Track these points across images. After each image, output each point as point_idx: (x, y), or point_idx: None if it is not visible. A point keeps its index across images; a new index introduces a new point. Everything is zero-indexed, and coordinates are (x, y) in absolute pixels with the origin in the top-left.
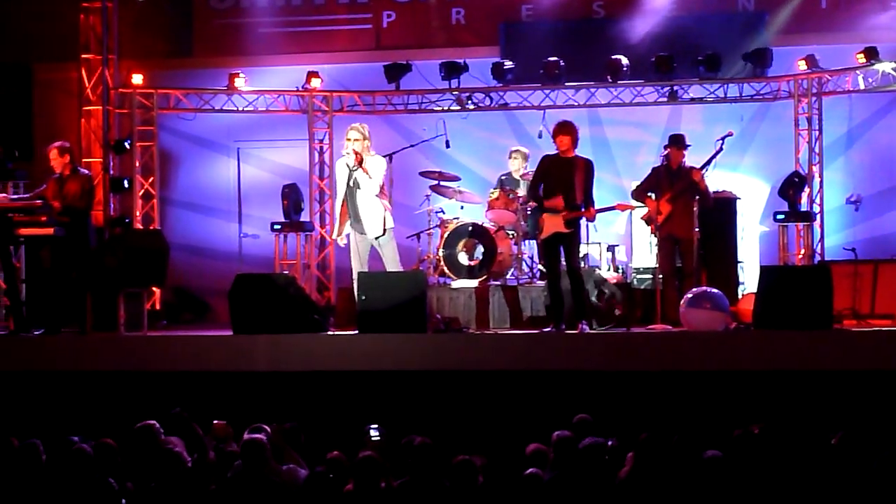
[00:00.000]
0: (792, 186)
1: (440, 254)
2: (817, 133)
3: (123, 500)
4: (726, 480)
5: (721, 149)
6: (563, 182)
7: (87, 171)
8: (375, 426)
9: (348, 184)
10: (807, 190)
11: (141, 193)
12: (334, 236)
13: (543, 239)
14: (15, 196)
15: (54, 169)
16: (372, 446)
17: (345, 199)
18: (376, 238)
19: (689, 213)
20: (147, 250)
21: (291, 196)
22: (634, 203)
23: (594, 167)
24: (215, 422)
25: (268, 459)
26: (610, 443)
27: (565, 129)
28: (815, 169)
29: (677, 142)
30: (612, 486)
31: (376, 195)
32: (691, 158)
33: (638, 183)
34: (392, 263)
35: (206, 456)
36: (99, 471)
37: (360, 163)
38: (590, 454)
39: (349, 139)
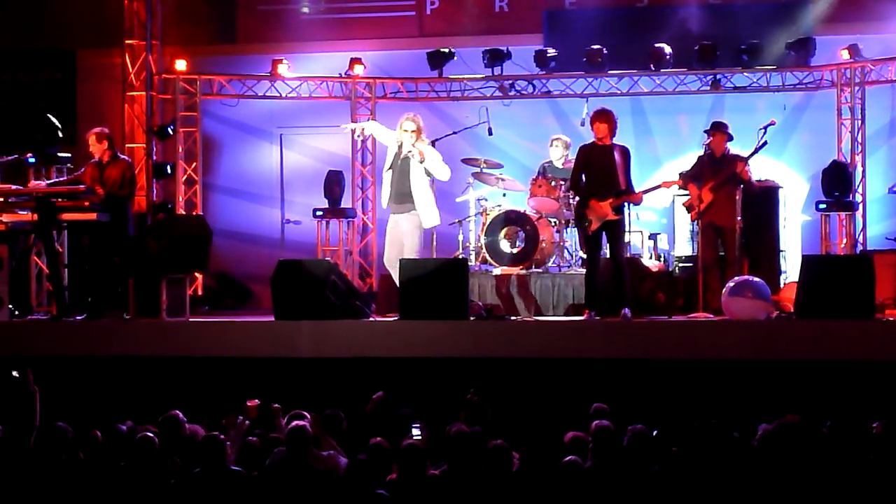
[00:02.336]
0: (834, 176)
1: (482, 241)
2: (860, 122)
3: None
4: (770, 469)
5: (764, 140)
6: (605, 170)
7: (127, 158)
8: (417, 424)
9: (397, 169)
10: (850, 179)
11: (184, 179)
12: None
13: (594, 229)
14: (53, 181)
15: (93, 155)
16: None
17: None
18: (427, 227)
19: (732, 201)
20: (190, 236)
21: (333, 182)
22: (677, 180)
23: (631, 154)
24: (248, 402)
25: (310, 446)
26: (654, 432)
27: (603, 117)
28: (858, 158)
29: (720, 129)
30: (653, 473)
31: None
32: (733, 147)
33: (684, 171)
34: (411, 251)
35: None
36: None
37: (422, 159)
38: (633, 443)
39: (404, 129)
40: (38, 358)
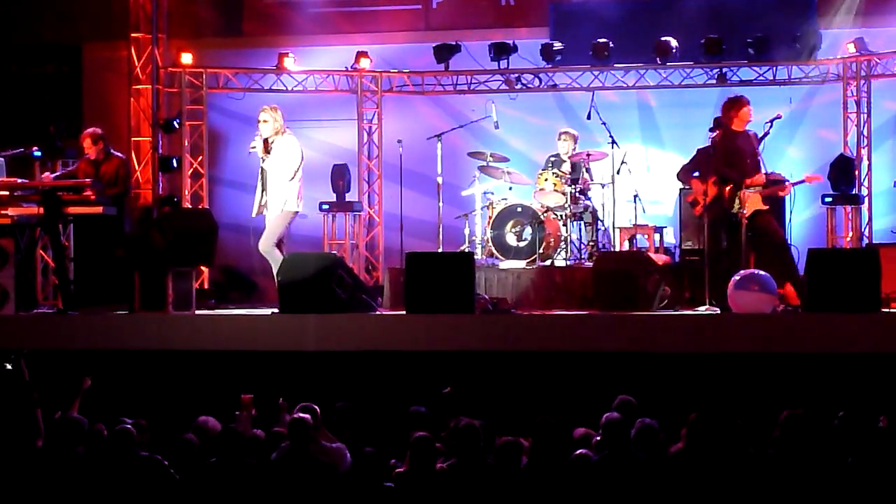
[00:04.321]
0: (840, 169)
1: (488, 235)
2: (866, 116)
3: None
4: (776, 462)
5: (769, 131)
6: (754, 157)
7: (121, 155)
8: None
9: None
10: (855, 173)
11: (190, 173)
12: (254, 214)
13: (748, 217)
14: (58, 174)
15: (89, 156)
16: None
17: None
18: (274, 215)
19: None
20: (196, 229)
21: (340, 176)
22: (819, 175)
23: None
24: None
25: (314, 439)
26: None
27: (736, 104)
28: (864, 152)
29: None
30: (661, 465)
31: (289, 180)
32: None
33: (684, 163)
34: (269, 238)
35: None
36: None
37: (266, 151)
38: (642, 437)
39: (259, 120)
40: (44, 352)
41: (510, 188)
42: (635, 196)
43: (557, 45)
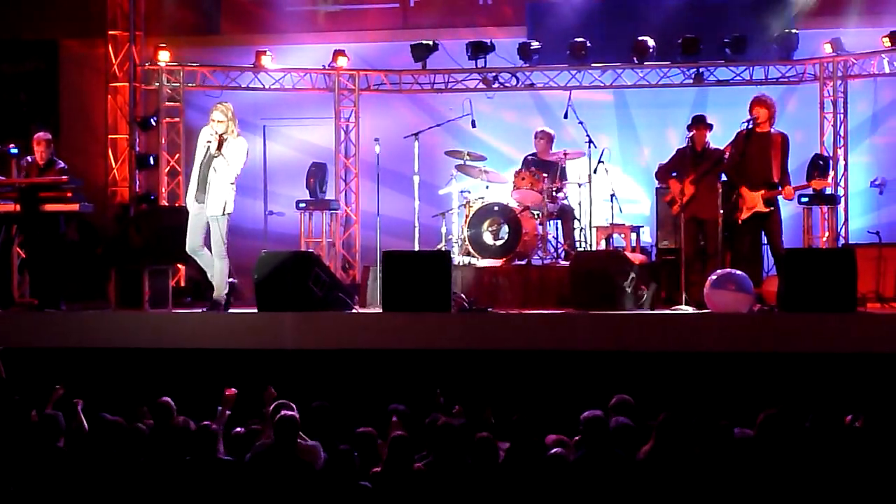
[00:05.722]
0: (816, 169)
1: (465, 233)
2: (842, 116)
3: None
4: (751, 461)
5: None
6: (760, 159)
7: (63, 164)
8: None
9: (205, 159)
10: (831, 173)
11: (167, 170)
12: (188, 203)
13: (743, 220)
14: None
15: (37, 160)
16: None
17: (200, 169)
18: (212, 216)
19: (713, 194)
20: (172, 227)
21: (317, 174)
22: (828, 181)
23: (790, 142)
24: (227, 391)
25: (301, 437)
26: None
27: (762, 103)
28: (840, 152)
29: (700, 122)
30: (633, 465)
31: (231, 182)
32: (717, 141)
33: (662, 163)
34: (218, 244)
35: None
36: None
37: (219, 148)
38: (618, 435)
39: (213, 119)
40: (20, 350)
41: (487, 187)
42: (612, 195)
43: (535, 45)
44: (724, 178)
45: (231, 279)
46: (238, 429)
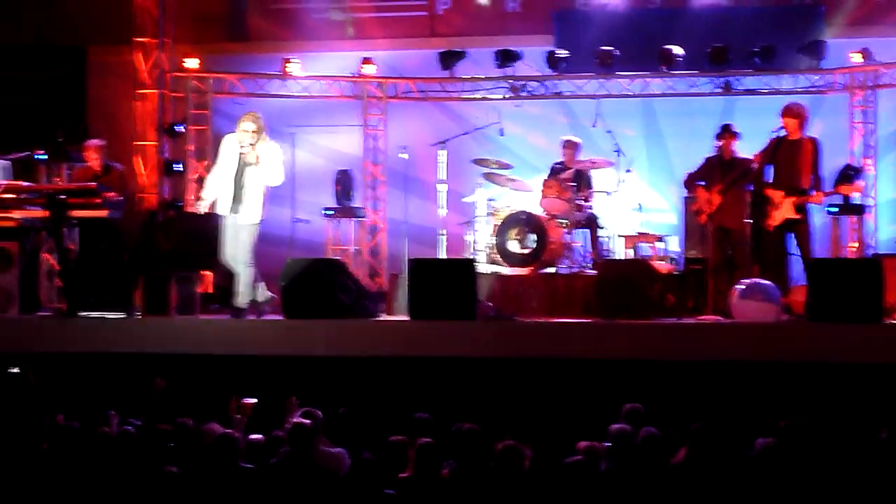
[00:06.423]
0: (846, 179)
1: (491, 242)
2: (872, 126)
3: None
4: (777, 471)
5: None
6: (790, 166)
7: (120, 166)
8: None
9: (238, 169)
10: (861, 182)
11: (194, 177)
12: (203, 209)
13: (774, 227)
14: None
15: (92, 167)
16: None
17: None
18: (247, 224)
19: (741, 203)
20: (199, 234)
21: (344, 181)
22: (858, 185)
23: (821, 147)
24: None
25: (315, 444)
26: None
27: (789, 112)
28: (870, 162)
29: (728, 131)
30: (664, 475)
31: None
32: (745, 150)
33: (690, 171)
34: (245, 253)
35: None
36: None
37: (255, 157)
38: (647, 446)
39: (244, 130)
40: (47, 355)
41: (513, 195)
42: (639, 204)
43: (562, 53)
44: (751, 188)
45: (270, 293)
46: (257, 436)
